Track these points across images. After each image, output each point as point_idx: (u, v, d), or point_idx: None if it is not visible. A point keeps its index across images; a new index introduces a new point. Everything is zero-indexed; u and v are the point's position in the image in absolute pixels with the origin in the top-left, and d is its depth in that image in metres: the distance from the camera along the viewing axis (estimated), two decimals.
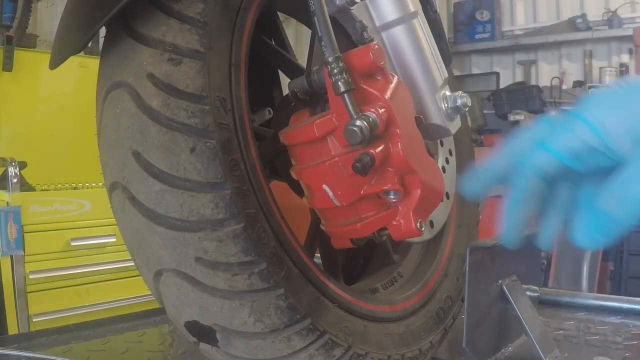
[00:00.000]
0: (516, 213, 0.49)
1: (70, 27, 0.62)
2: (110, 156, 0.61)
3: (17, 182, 2.22)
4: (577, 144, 0.45)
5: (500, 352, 0.87)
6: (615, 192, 0.44)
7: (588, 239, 0.45)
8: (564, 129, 0.46)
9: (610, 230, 0.44)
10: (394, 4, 0.75)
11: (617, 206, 0.43)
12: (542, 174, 0.47)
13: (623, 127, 0.43)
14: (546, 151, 0.46)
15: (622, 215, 0.43)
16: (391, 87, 0.65)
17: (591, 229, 0.45)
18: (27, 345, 1.00)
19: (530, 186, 0.47)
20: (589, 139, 0.44)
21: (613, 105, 0.45)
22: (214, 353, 0.63)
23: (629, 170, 0.43)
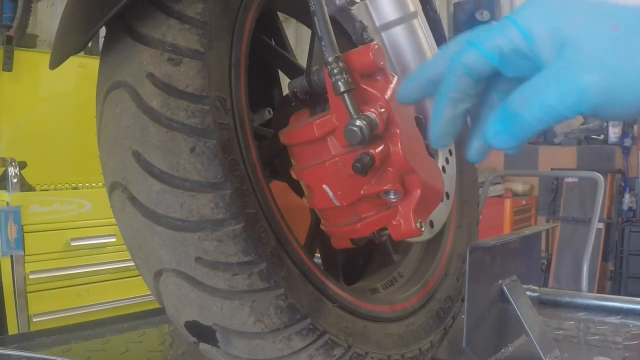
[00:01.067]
0: (442, 112, 0.49)
1: (70, 27, 0.62)
2: (110, 156, 0.61)
3: (17, 182, 2.22)
4: (505, 44, 0.45)
5: (500, 352, 0.87)
6: (525, 94, 0.44)
7: (495, 136, 0.45)
8: (495, 30, 0.46)
9: (516, 131, 0.44)
10: (394, 4, 0.75)
11: (525, 108, 0.43)
12: (471, 71, 0.47)
13: (548, 32, 0.44)
14: (475, 49, 0.46)
15: (529, 118, 0.43)
16: (391, 87, 0.65)
17: (499, 127, 0.45)
18: (27, 345, 1.00)
19: (459, 83, 0.47)
20: (516, 40, 0.45)
21: (546, 12, 0.45)
22: (214, 353, 0.63)
23: (542, 74, 0.43)
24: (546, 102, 0.42)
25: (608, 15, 0.42)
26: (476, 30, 0.48)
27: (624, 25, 0.42)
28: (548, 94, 0.42)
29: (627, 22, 0.42)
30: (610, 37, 0.41)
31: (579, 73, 0.41)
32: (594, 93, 0.41)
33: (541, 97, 0.43)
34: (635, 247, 3.75)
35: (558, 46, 0.43)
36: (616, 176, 4.42)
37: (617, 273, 3.85)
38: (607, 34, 0.42)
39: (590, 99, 0.41)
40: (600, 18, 0.43)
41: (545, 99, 0.42)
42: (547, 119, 0.43)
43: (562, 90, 0.42)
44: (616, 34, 0.41)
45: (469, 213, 0.98)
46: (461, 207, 0.96)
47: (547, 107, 0.42)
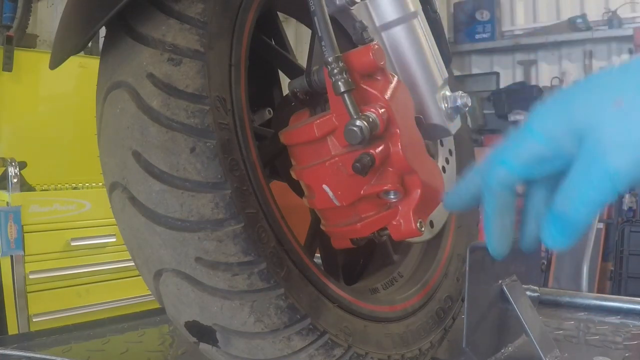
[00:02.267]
0: (492, 226, 0.51)
1: (70, 27, 0.62)
2: (110, 156, 0.61)
3: (17, 182, 2.22)
4: (528, 155, 0.48)
5: (500, 352, 0.87)
6: (565, 195, 0.46)
7: (551, 240, 0.47)
8: (515, 143, 0.49)
9: (568, 231, 0.46)
10: (394, 4, 0.75)
11: (570, 208, 0.45)
12: (506, 188, 0.50)
13: (565, 132, 0.46)
14: (503, 167, 0.49)
15: (576, 216, 0.45)
16: (391, 87, 0.65)
17: (552, 230, 0.47)
18: (27, 345, 1.00)
19: (498, 201, 0.50)
20: (537, 149, 0.47)
21: (557, 110, 0.47)
22: (214, 353, 0.63)
23: (573, 172, 0.45)
24: (586, 198, 0.44)
25: (610, 92, 0.44)
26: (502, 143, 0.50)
27: (625, 97, 0.43)
28: (585, 191, 0.44)
29: (627, 93, 0.43)
30: (617, 114, 0.43)
31: (603, 161, 0.43)
32: (624, 172, 0.42)
33: (579, 194, 0.44)
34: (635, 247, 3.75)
35: (578, 139, 0.45)
36: None
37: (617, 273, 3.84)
38: (614, 111, 0.43)
39: (623, 179, 0.42)
40: (604, 98, 0.44)
41: (584, 197, 0.44)
42: (591, 211, 0.44)
43: (595, 182, 0.43)
44: (621, 109, 0.43)
45: (469, 213, 0.98)
46: None
47: (589, 202, 0.44)
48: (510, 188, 0.50)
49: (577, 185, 0.45)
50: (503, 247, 0.52)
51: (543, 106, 0.48)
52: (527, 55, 5.13)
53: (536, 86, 4.83)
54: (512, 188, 0.50)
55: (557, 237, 0.46)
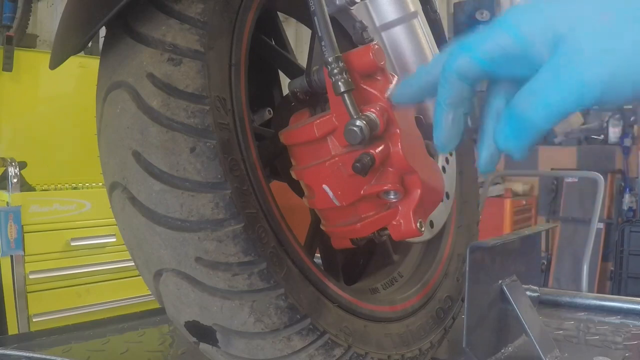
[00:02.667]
0: (443, 117, 0.48)
1: (70, 27, 0.62)
2: (110, 156, 0.61)
3: (17, 182, 2.22)
4: (496, 49, 0.45)
5: (500, 352, 0.87)
6: (527, 96, 0.43)
7: (506, 141, 0.45)
8: (485, 35, 0.45)
9: (525, 133, 0.44)
10: (394, 4, 0.75)
11: (529, 109, 0.43)
12: (464, 77, 0.46)
13: (540, 32, 0.43)
14: (467, 55, 0.46)
15: (535, 119, 0.43)
16: (391, 87, 0.65)
17: (508, 131, 0.44)
18: (27, 345, 1.00)
19: (454, 89, 0.47)
20: (506, 44, 0.44)
21: (535, 11, 0.44)
22: (214, 353, 0.63)
23: (541, 75, 0.43)
24: (549, 101, 0.42)
25: (596, 4, 0.42)
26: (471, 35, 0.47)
27: (613, 11, 0.41)
28: (550, 94, 0.42)
29: (615, 8, 0.41)
30: (602, 27, 0.41)
31: (577, 70, 0.41)
32: (594, 86, 0.40)
33: (544, 97, 0.42)
34: (635, 247, 3.75)
35: (551, 44, 0.43)
36: (616, 176, 4.42)
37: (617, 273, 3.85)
38: (598, 24, 0.41)
39: (591, 92, 0.41)
40: (589, 9, 0.42)
41: (548, 99, 0.42)
42: (552, 117, 0.42)
43: (563, 89, 0.41)
44: (607, 22, 0.41)
45: (469, 213, 0.98)
46: (461, 207, 0.96)
47: (551, 106, 0.42)
48: (469, 79, 0.46)
49: (543, 86, 0.42)
50: (451, 142, 0.49)
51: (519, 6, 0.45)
52: None
53: None
54: (471, 80, 0.47)
55: (510, 137, 0.44)
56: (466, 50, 0.46)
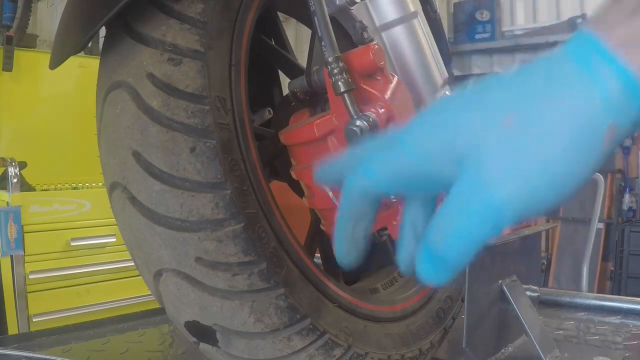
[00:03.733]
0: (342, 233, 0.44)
1: (70, 27, 0.62)
2: (110, 156, 0.61)
3: (17, 182, 2.22)
4: (395, 170, 0.40)
5: (500, 352, 0.87)
6: (438, 227, 0.37)
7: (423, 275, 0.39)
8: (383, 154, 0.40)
9: (441, 268, 0.38)
10: (394, 4, 0.75)
11: (443, 243, 0.37)
12: (366, 196, 0.42)
13: (441, 150, 0.38)
14: (366, 177, 0.41)
15: (450, 254, 0.37)
16: (391, 87, 0.65)
17: (425, 265, 0.39)
18: (27, 345, 1.00)
19: (355, 206, 0.42)
20: (406, 164, 0.39)
21: (435, 123, 0.39)
22: (214, 353, 0.63)
23: (449, 201, 0.37)
24: (461, 232, 0.36)
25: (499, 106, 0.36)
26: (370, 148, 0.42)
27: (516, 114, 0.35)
28: (461, 223, 0.36)
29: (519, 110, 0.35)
30: (506, 136, 0.35)
31: (486, 191, 0.35)
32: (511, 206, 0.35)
33: (455, 228, 0.36)
34: (635, 247, 3.75)
35: (457, 162, 0.37)
36: (616, 176, 4.42)
37: (617, 273, 3.85)
38: (502, 132, 0.35)
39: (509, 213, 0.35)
40: (492, 114, 0.36)
41: (459, 230, 0.36)
42: (468, 249, 0.37)
43: (473, 218, 0.36)
44: (510, 129, 0.35)
45: None
46: None
47: (465, 238, 0.36)
48: (370, 199, 0.42)
49: (452, 218, 0.37)
50: (350, 258, 0.46)
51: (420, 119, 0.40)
52: (527, 55, 5.13)
53: None
54: (373, 199, 0.42)
55: (431, 273, 0.38)
56: (365, 172, 0.41)
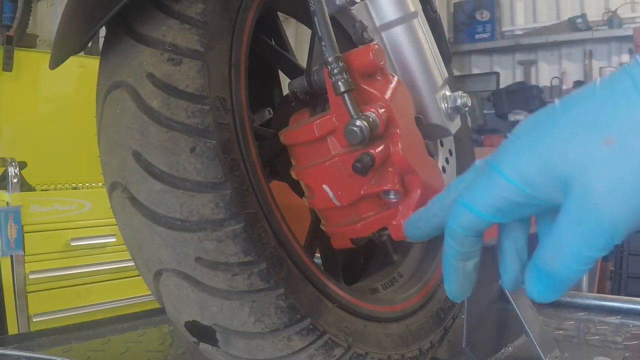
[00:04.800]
0: (453, 272, 0.46)
1: (70, 27, 0.62)
2: (110, 156, 0.61)
3: (17, 182, 2.22)
4: (498, 201, 0.41)
5: (500, 352, 0.87)
6: (552, 250, 0.39)
7: (537, 295, 0.41)
8: (484, 187, 0.41)
9: (557, 287, 0.40)
10: (394, 4, 0.75)
11: (558, 265, 0.39)
12: (470, 233, 0.43)
13: (541, 172, 0.39)
14: (469, 212, 0.42)
15: (566, 272, 0.39)
16: (391, 87, 0.65)
17: (539, 285, 0.41)
18: (27, 345, 1.00)
19: (461, 245, 0.44)
20: (509, 194, 0.40)
21: (531, 149, 0.39)
22: (214, 353, 0.63)
23: (561, 226, 0.38)
24: (577, 252, 0.38)
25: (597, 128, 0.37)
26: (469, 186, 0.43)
27: (616, 134, 0.36)
28: (576, 244, 0.37)
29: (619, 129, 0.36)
30: (609, 154, 0.36)
31: (596, 212, 0.36)
32: (622, 223, 0.36)
33: (570, 248, 0.38)
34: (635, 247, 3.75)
35: (562, 184, 0.38)
36: None
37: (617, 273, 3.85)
38: (604, 151, 0.36)
39: (620, 230, 0.36)
40: (589, 135, 0.37)
41: (575, 250, 0.38)
42: (583, 266, 0.38)
43: (589, 237, 0.37)
44: (612, 148, 0.36)
45: None
46: None
47: (581, 258, 0.38)
48: (475, 233, 0.43)
49: (566, 241, 0.38)
50: (464, 293, 0.47)
51: (513, 143, 0.40)
52: (527, 55, 5.14)
53: (536, 86, 4.84)
54: (478, 233, 0.43)
55: (545, 292, 0.40)
56: (468, 207, 0.42)
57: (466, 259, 0.45)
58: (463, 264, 0.45)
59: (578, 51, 4.84)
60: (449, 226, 0.44)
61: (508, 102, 4.72)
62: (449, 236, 0.44)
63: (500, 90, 4.89)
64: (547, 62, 5.04)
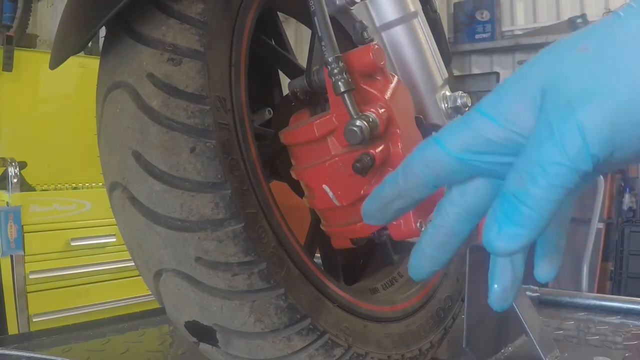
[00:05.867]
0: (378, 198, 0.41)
1: (70, 27, 0.62)
2: (110, 156, 0.61)
3: (17, 182, 2.22)
4: (471, 136, 0.37)
5: (500, 352, 0.87)
6: (521, 167, 0.34)
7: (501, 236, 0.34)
8: (457, 123, 0.38)
9: (527, 217, 0.33)
10: (394, 4, 0.75)
11: (527, 182, 0.33)
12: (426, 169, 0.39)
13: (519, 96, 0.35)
14: (437, 145, 0.38)
15: (537, 192, 0.33)
16: (391, 87, 0.65)
17: (503, 220, 0.34)
18: (27, 345, 1.00)
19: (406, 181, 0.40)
20: (482, 129, 0.36)
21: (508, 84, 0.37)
22: (214, 353, 0.63)
23: (531, 136, 0.34)
24: (548, 161, 0.32)
25: (572, 42, 0.35)
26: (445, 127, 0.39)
27: (591, 43, 0.34)
28: (546, 151, 0.33)
29: (595, 38, 0.34)
30: (583, 59, 0.34)
31: (567, 111, 0.32)
32: (597, 129, 0.32)
33: (540, 158, 0.33)
34: (635, 247, 3.75)
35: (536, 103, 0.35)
36: (616, 176, 4.42)
37: (617, 273, 3.85)
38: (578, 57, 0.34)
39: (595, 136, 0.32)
40: (565, 46, 0.35)
41: (546, 159, 0.32)
42: (558, 183, 0.32)
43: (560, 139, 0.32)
44: (587, 53, 0.34)
45: None
46: None
47: (553, 167, 0.32)
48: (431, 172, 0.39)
49: (535, 151, 0.33)
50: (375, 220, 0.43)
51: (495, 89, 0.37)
52: (527, 55, 5.13)
53: None
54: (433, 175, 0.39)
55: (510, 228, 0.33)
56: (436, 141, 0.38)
57: (398, 198, 0.40)
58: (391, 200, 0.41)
59: None
60: (408, 156, 0.40)
61: None
62: (402, 165, 0.40)
63: None
64: None
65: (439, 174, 0.39)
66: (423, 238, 0.42)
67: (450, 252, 0.42)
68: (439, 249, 0.42)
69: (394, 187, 0.41)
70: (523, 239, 0.34)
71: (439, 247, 0.42)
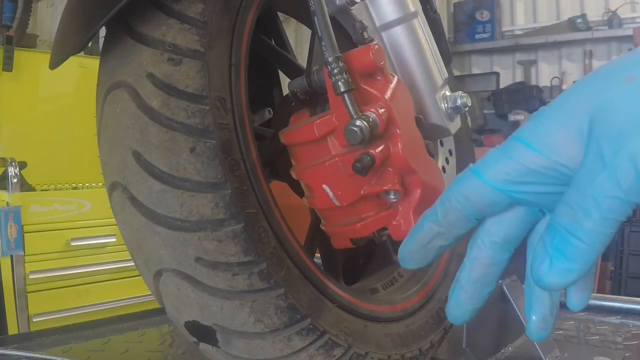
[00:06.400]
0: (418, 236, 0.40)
1: (70, 27, 0.62)
2: (110, 156, 0.61)
3: (17, 182, 2.22)
4: (512, 167, 0.36)
5: (500, 352, 0.87)
6: (572, 200, 0.33)
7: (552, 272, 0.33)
8: (496, 153, 0.37)
9: (579, 250, 0.33)
10: (394, 4, 0.75)
11: (580, 214, 0.32)
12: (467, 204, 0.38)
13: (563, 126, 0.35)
14: (476, 177, 0.37)
15: (589, 225, 0.32)
16: (391, 87, 0.65)
17: (555, 256, 0.33)
18: (27, 345, 1.00)
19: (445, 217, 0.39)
20: (524, 159, 0.35)
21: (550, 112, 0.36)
22: (214, 353, 0.63)
23: (581, 169, 0.33)
24: (602, 195, 0.32)
25: (616, 70, 0.35)
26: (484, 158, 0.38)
27: (636, 73, 0.33)
28: (599, 184, 0.32)
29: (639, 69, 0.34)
30: (630, 90, 0.33)
31: (619, 143, 0.32)
32: None
33: (593, 191, 0.32)
34: (635, 247, 3.75)
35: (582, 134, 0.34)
36: None
37: (617, 273, 3.85)
38: (625, 88, 0.33)
39: None
40: (610, 76, 0.35)
41: (599, 192, 0.32)
42: (611, 216, 0.32)
43: (613, 172, 0.32)
44: (634, 83, 0.33)
45: None
46: None
47: (607, 200, 0.32)
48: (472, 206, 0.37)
49: (587, 183, 0.32)
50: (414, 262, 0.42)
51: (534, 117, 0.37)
52: (527, 55, 5.14)
53: (536, 86, 4.84)
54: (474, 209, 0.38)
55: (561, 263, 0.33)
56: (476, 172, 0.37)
57: (438, 236, 0.39)
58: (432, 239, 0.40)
59: (578, 51, 4.84)
60: (447, 191, 0.39)
61: (508, 102, 4.73)
62: (440, 200, 0.39)
63: (500, 91, 4.90)
64: (547, 62, 5.04)
65: (479, 206, 0.38)
66: (460, 275, 0.41)
67: (491, 285, 0.41)
68: (480, 282, 0.41)
69: (433, 225, 0.40)
70: (575, 274, 0.33)
71: (479, 280, 0.41)
